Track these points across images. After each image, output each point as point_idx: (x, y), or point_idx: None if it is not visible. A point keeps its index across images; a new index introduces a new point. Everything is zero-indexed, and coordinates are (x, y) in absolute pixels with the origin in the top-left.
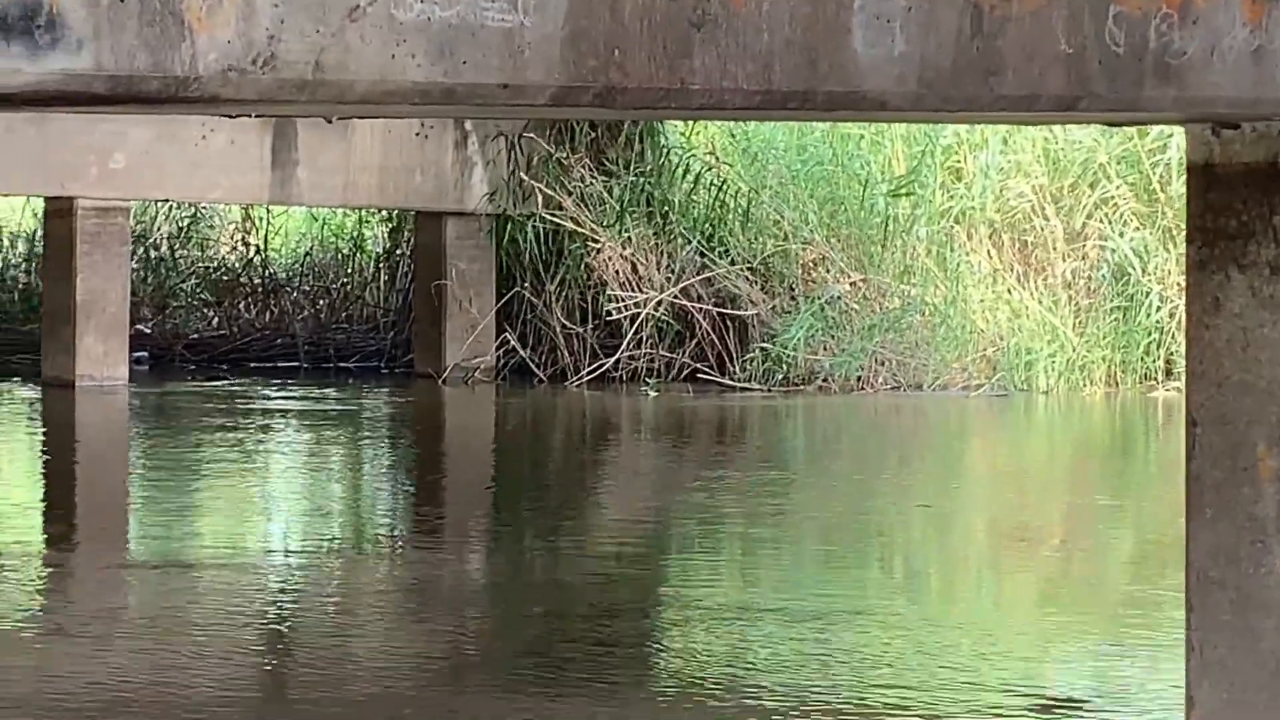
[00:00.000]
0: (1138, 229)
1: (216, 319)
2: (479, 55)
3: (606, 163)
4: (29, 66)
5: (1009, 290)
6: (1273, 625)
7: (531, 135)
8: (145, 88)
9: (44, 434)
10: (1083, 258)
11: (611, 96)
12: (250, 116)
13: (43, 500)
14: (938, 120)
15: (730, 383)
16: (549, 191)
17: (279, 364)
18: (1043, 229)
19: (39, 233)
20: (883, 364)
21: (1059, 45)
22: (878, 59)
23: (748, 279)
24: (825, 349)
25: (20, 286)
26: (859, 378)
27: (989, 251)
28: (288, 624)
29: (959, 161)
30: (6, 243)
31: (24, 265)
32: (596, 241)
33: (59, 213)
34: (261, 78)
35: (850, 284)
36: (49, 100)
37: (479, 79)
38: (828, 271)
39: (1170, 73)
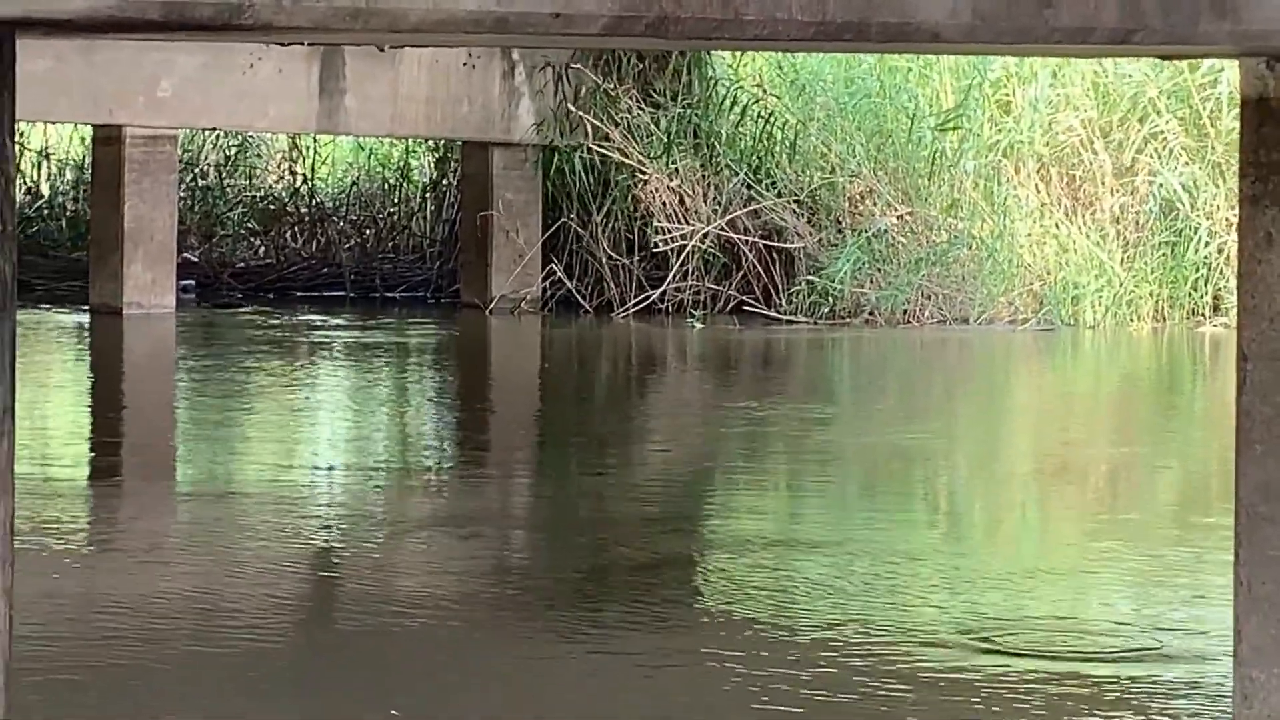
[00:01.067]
0: (1187, 164)
1: (263, 248)
2: None
3: (654, 94)
4: None
5: (1056, 225)
6: None
7: (579, 66)
8: (199, 14)
9: (91, 360)
10: (1131, 192)
11: (664, 26)
12: (304, 45)
13: (90, 425)
14: (991, 53)
15: (776, 315)
16: (596, 123)
17: (325, 293)
18: (1091, 163)
19: (87, 160)
20: (929, 298)
21: None
22: None
23: (794, 211)
24: (871, 282)
25: (68, 214)
26: (905, 311)
27: (1037, 186)
28: (332, 551)
29: (1007, 95)
30: (55, 170)
31: (72, 193)
32: (643, 173)
33: (107, 140)
34: (315, 5)
35: (897, 217)
36: (103, 26)
37: (531, 8)
38: (874, 205)
39: (1226, 6)
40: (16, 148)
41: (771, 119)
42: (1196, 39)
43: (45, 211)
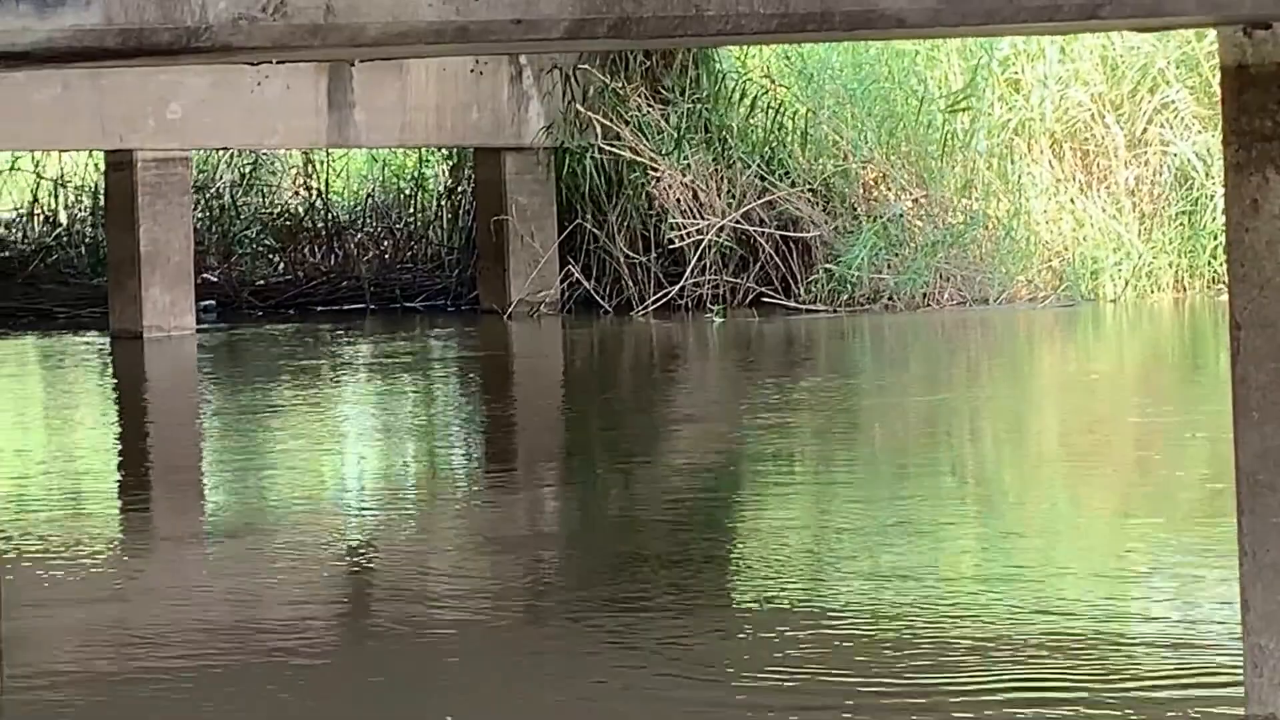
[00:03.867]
0: (1200, 132)
1: (282, 264)
2: None
3: (662, 91)
4: (38, 24)
5: (1072, 200)
6: None
7: (586, 66)
8: (156, 40)
9: (112, 385)
10: (1145, 164)
11: (626, 27)
12: (272, 63)
13: (117, 444)
14: (957, 35)
15: (796, 305)
16: (606, 122)
17: (345, 306)
18: (1103, 137)
19: (102, 187)
20: (948, 280)
21: None
22: None
23: (809, 200)
24: (889, 267)
25: (86, 241)
26: (924, 294)
27: (1050, 162)
28: (366, 563)
29: (1016, 73)
30: (72, 198)
31: (89, 219)
32: (656, 170)
33: (119, 165)
34: (273, 24)
35: (912, 201)
36: (62, 57)
37: (492, 15)
38: (888, 189)
39: None
40: (33, 177)
41: (782, 109)
42: (1165, 9)
43: (64, 239)
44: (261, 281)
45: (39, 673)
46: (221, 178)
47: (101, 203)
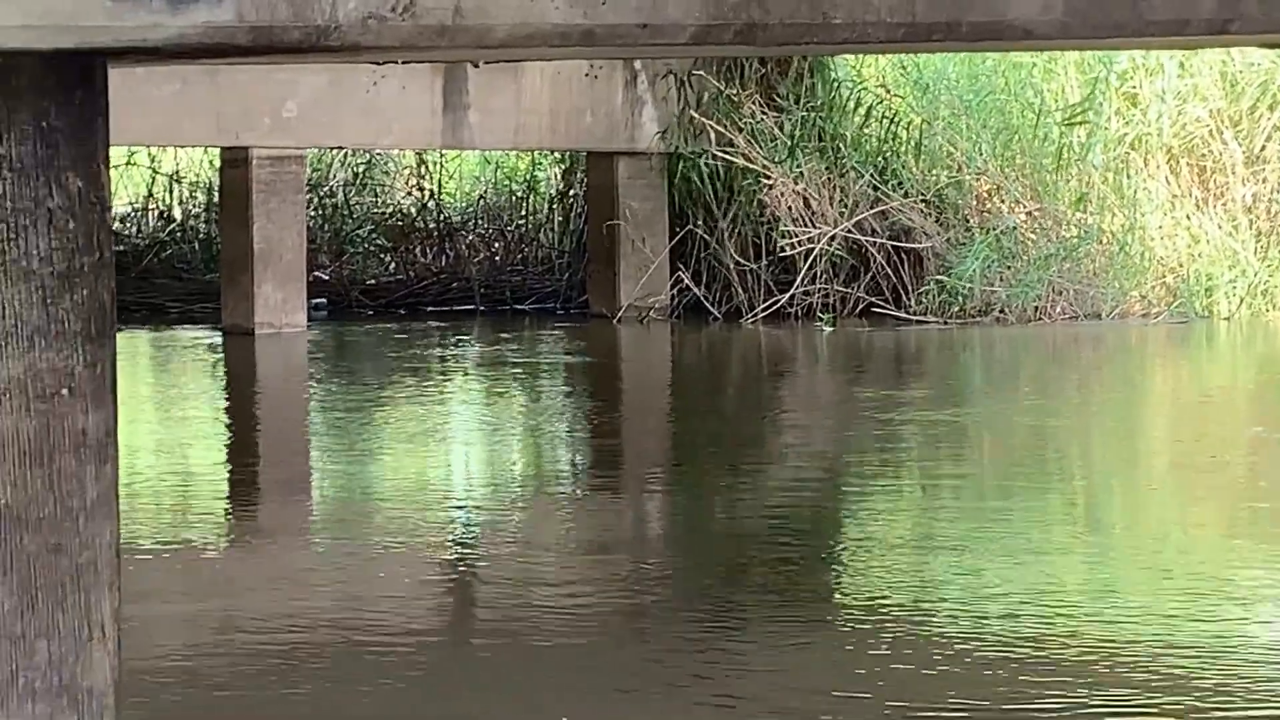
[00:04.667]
0: None
1: (393, 264)
2: None
3: (777, 98)
4: (171, 20)
5: (1187, 216)
6: None
7: (701, 72)
8: (286, 38)
9: (224, 379)
10: (1263, 181)
11: (752, 33)
12: (397, 63)
13: (226, 438)
14: (1085, 48)
15: (906, 316)
16: (720, 128)
17: (455, 307)
18: (1221, 153)
19: (216, 183)
20: (1060, 293)
21: None
22: None
23: (922, 211)
24: (1001, 280)
25: (200, 237)
26: (1036, 308)
27: (1166, 177)
28: (471, 566)
29: (1134, 87)
30: (186, 193)
31: (203, 216)
32: (768, 177)
33: (234, 162)
34: (401, 24)
35: (1026, 214)
36: (193, 53)
37: (619, 19)
38: (1002, 202)
39: None
40: (149, 172)
41: (896, 119)
42: None
43: (178, 234)
44: (372, 281)
45: (148, 663)
46: (335, 176)
47: (216, 199)
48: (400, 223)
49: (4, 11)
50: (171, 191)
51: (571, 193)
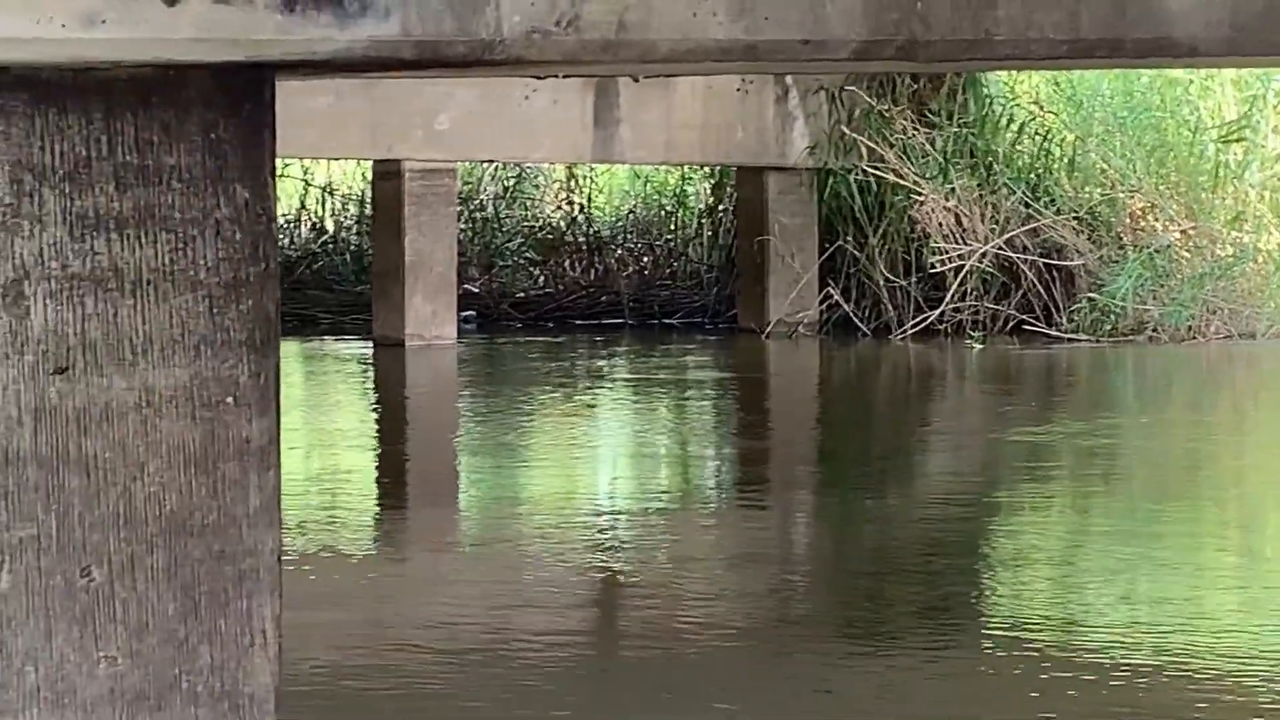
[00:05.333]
0: None
1: (542, 277)
2: (780, 11)
3: (929, 114)
4: (338, 34)
5: None
6: None
7: (852, 88)
8: (451, 52)
9: (375, 390)
10: None
11: (914, 49)
12: (558, 77)
13: (376, 448)
14: (1250, 66)
15: (1057, 334)
16: (871, 144)
17: (603, 321)
18: None
19: (368, 195)
20: (1214, 313)
21: None
22: (1187, 3)
23: (1074, 229)
24: (1154, 298)
25: (352, 248)
26: (1190, 327)
27: None
28: (615, 579)
29: None
30: (339, 205)
31: (355, 228)
32: (919, 194)
33: (386, 175)
34: (565, 39)
35: (1180, 232)
36: (359, 66)
37: (780, 35)
38: (1156, 220)
39: None
40: (301, 184)
41: (1049, 136)
42: None
43: (330, 246)
44: (521, 294)
45: (302, 666)
46: (485, 190)
47: (367, 211)
48: (550, 236)
49: (176, 25)
50: (324, 203)
51: (721, 207)
